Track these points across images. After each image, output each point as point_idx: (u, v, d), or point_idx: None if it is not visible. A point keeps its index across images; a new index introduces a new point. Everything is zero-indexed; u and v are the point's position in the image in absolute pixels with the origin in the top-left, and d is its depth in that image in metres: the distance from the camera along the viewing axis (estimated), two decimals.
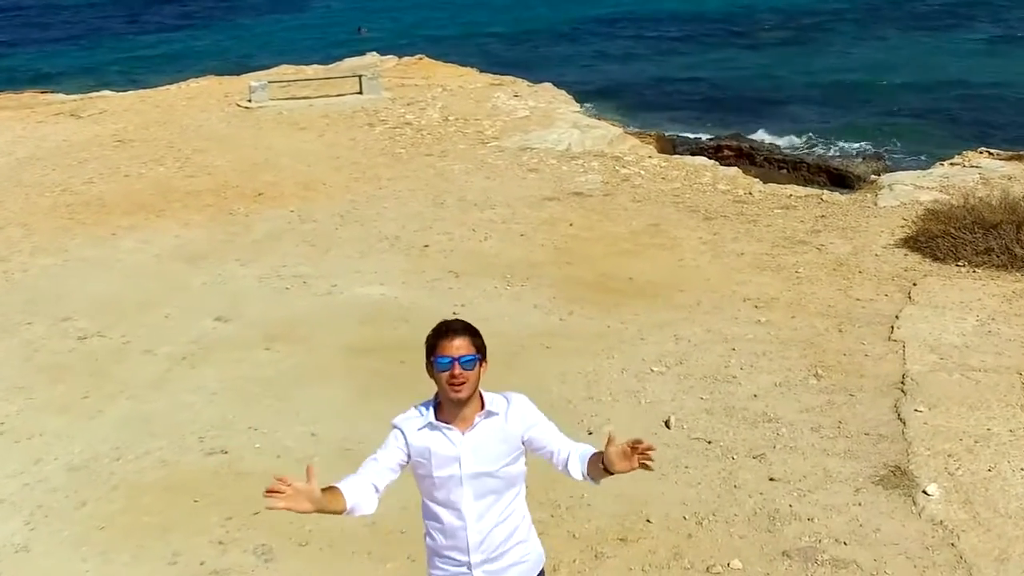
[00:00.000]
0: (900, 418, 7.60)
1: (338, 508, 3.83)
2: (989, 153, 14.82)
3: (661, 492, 6.81)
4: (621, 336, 9.27)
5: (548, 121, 17.23)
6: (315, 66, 22.78)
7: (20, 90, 23.02)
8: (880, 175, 15.54)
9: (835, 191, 14.81)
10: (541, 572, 4.18)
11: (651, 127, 21.84)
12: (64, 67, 33.48)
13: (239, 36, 40.13)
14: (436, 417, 3.94)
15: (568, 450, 3.95)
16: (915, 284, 10.19)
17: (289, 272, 10.97)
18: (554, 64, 30.60)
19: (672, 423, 7.67)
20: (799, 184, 15.94)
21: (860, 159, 20.67)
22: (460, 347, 3.86)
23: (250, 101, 18.81)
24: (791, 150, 21.92)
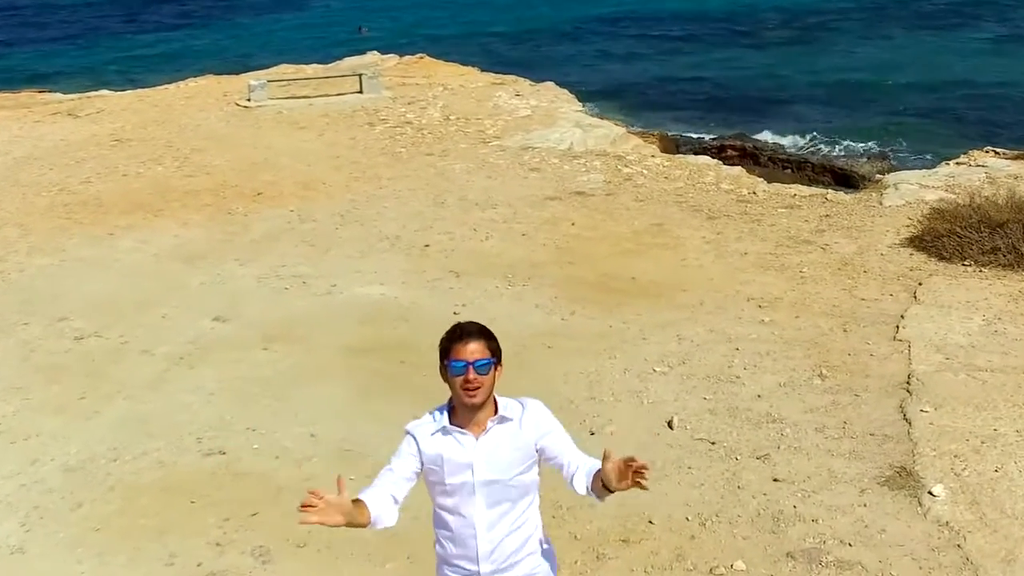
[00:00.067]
0: (906, 418, 7.56)
1: (364, 521, 3.76)
2: (995, 152, 14.76)
3: (664, 493, 6.77)
4: (623, 336, 9.22)
5: (550, 120, 17.18)
6: (315, 65, 22.72)
7: (17, 90, 22.94)
8: (885, 175, 15.45)
9: (840, 191, 14.74)
10: None
11: (654, 127, 21.78)
12: (61, 67, 33.45)
13: (238, 35, 40.12)
14: (450, 421, 3.87)
15: (577, 464, 3.87)
16: (921, 284, 10.16)
17: (288, 272, 10.92)
18: (556, 64, 30.56)
19: (675, 423, 7.64)
20: (803, 184, 15.84)
21: (865, 159, 20.58)
22: (475, 351, 3.79)
23: (249, 100, 18.75)
24: (795, 150, 21.83)
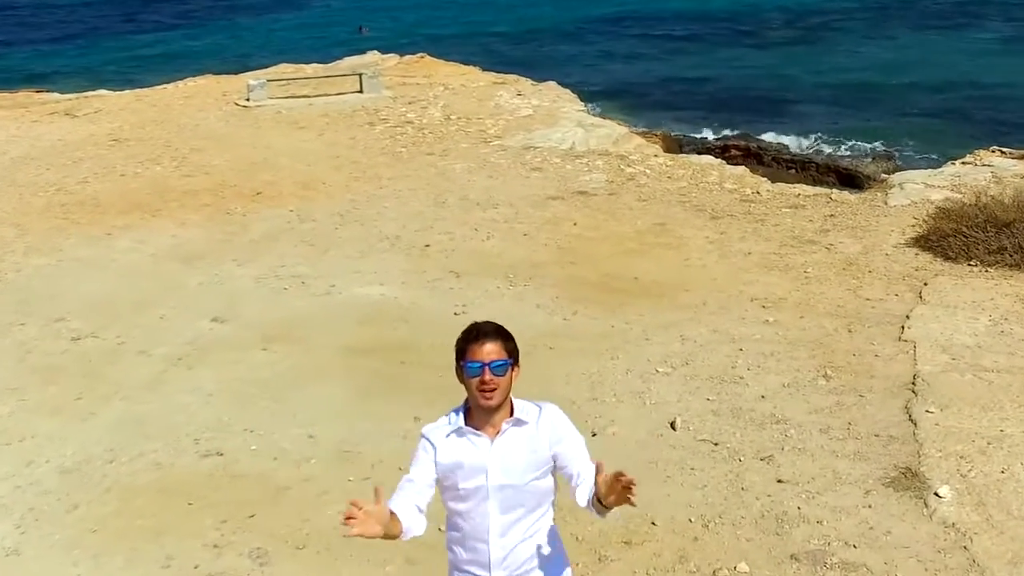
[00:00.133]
0: (911, 419, 7.52)
1: (397, 532, 3.68)
2: (1001, 152, 14.66)
3: (667, 494, 6.73)
4: (626, 336, 9.17)
5: (552, 120, 17.11)
6: (315, 65, 22.65)
7: (15, 89, 22.86)
8: (890, 175, 15.34)
9: (844, 191, 14.63)
10: None
11: (657, 127, 21.69)
12: (59, 67, 33.39)
13: (238, 36, 40.06)
14: (466, 423, 3.80)
15: (584, 476, 3.79)
16: (926, 284, 10.10)
17: (287, 272, 10.86)
18: (558, 64, 30.48)
19: (678, 424, 7.60)
20: (808, 184, 15.69)
21: (870, 159, 20.45)
22: (491, 352, 3.72)
23: (248, 100, 18.68)
24: (799, 150, 21.69)
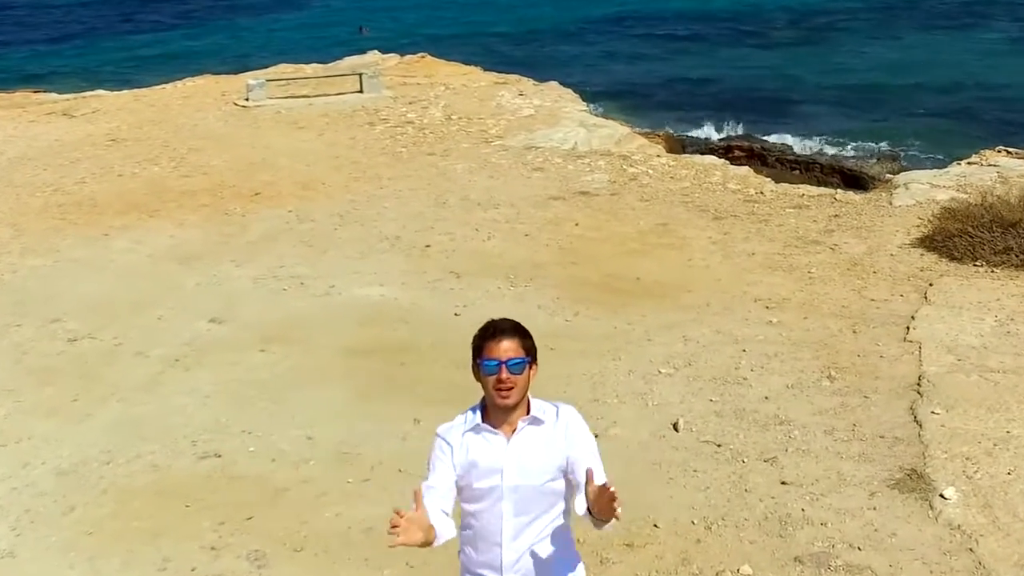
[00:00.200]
0: (916, 420, 7.47)
1: (432, 538, 3.60)
2: (1007, 152, 14.56)
3: (669, 496, 6.68)
4: (628, 337, 9.11)
5: (554, 120, 17.04)
6: (314, 65, 22.52)
7: (12, 90, 22.78)
8: (895, 175, 15.25)
9: (849, 191, 14.54)
10: None
11: (659, 127, 21.66)
12: (57, 67, 33.36)
13: (237, 36, 40.01)
14: (482, 421, 3.74)
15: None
16: (931, 284, 10.04)
17: (286, 273, 10.79)
18: (560, 64, 30.46)
19: (680, 426, 7.55)
20: (812, 185, 15.59)
21: (875, 160, 20.39)
22: (508, 349, 3.68)
23: (247, 100, 18.57)
24: (803, 151, 21.59)
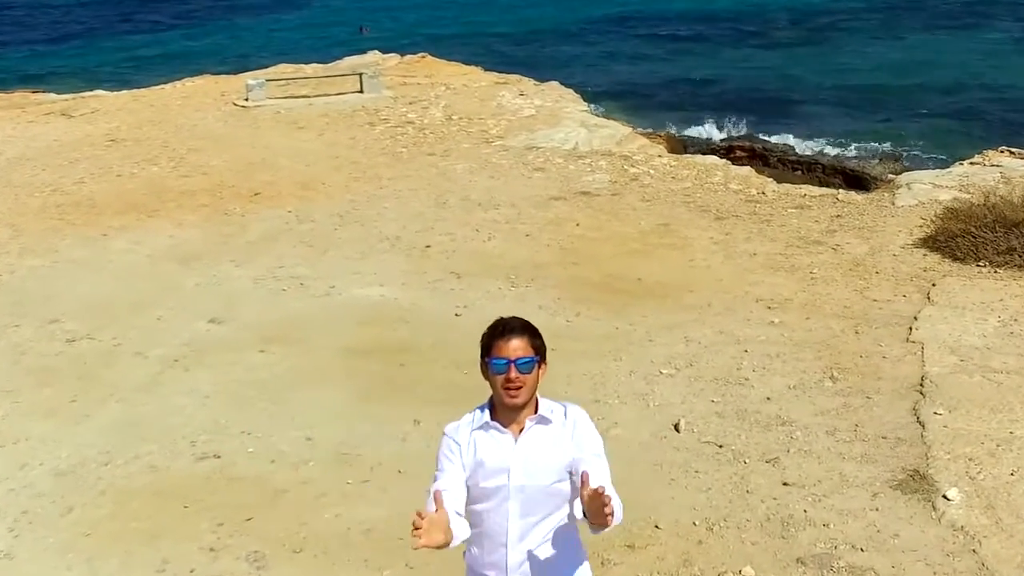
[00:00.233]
0: (919, 421, 7.44)
1: (450, 539, 3.55)
2: (1010, 152, 14.49)
3: (670, 497, 6.65)
4: (629, 338, 9.07)
5: (555, 120, 16.98)
6: (314, 65, 22.42)
7: (11, 90, 22.70)
8: (898, 175, 15.18)
9: (851, 192, 14.48)
10: None
11: (661, 128, 21.60)
12: (55, 67, 33.23)
13: (237, 36, 39.87)
14: (491, 418, 3.71)
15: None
16: (934, 284, 9.99)
17: (286, 273, 10.75)
18: (561, 64, 30.33)
19: (682, 426, 7.51)
20: (814, 185, 15.52)
21: (877, 160, 20.25)
22: (517, 348, 3.62)
23: (247, 100, 18.49)
24: (806, 151, 21.48)
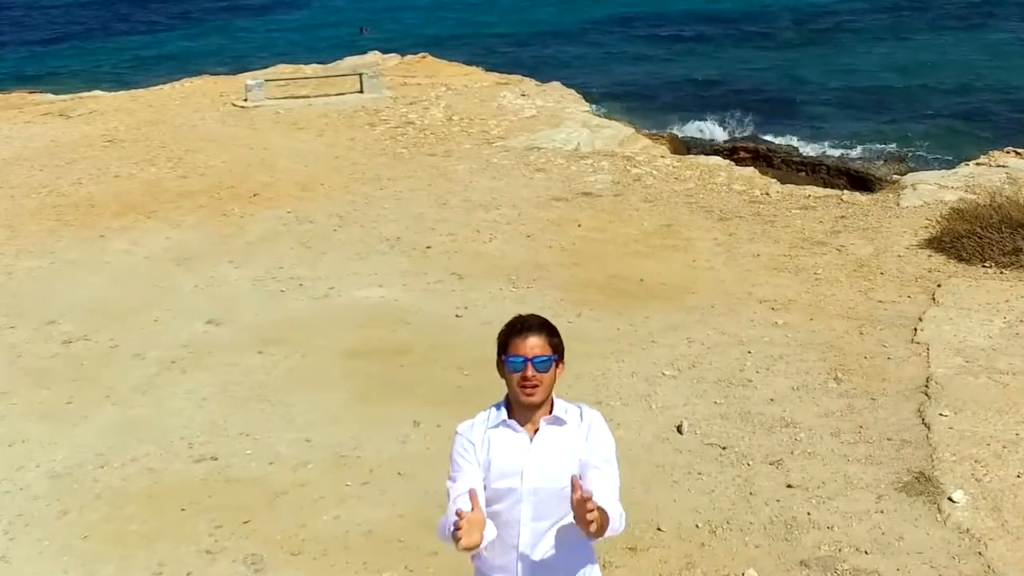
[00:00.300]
0: (924, 422, 7.38)
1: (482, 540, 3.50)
2: (1016, 152, 14.39)
3: (673, 499, 6.60)
4: (631, 339, 9.00)
5: (556, 120, 16.89)
6: (314, 65, 22.30)
7: (8, 90, 22.62)
8: (903, 176, 15.08)
9: (856, 193, 14.38)
10: None
11: (663, 129, 21.52)
12: (54, 68, 33.12)
13: (236, 37, 39.71)
14: (508, 416, 3.65)
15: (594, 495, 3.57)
16: (939, 285, 9.91)
17: (285, 274, 10.68)
18: (563, 65, 30.18)
19: (685, 428, 7.45)
20: (818, 187, 15.41)
21: (882, 162, 20.06)
22: (535, 346, 3.59)
23: (246, 100, 18.37)
24: (810, 152, 21.37)
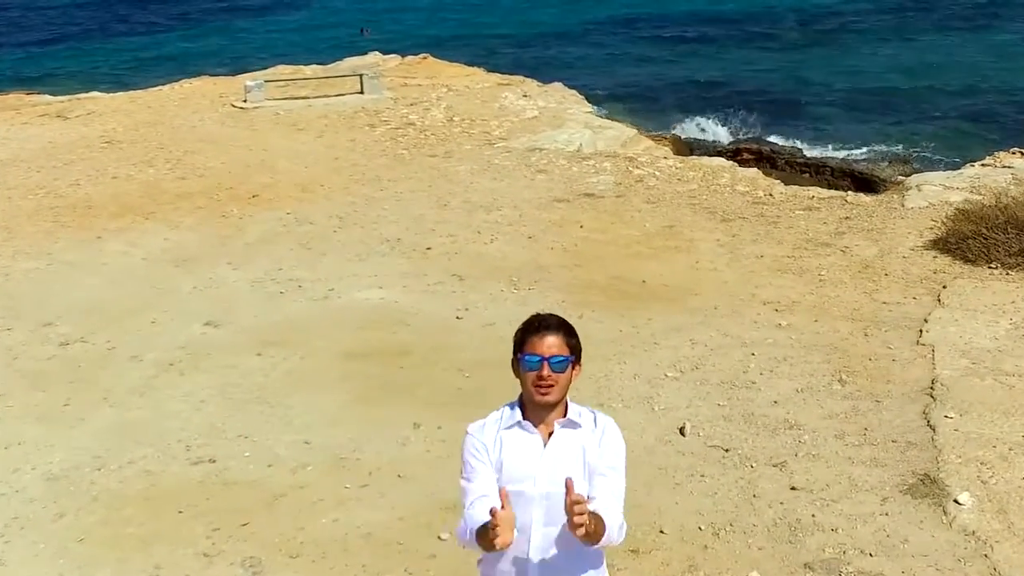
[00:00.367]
0: (929, 424, 7.32)
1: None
2: (1022, 153, 14.34)
3: (675, 502, 6.56)
4: (634, 340, 8.94)
5: (558, 121, 16.84)
6: (314, 66, 22.23)
7: (5, 92, 22.57)
8: (908, 177, 15.01)
9: (860, 194, 14.30)
10: None
11: (666, 130, 21.49)
12: (51, 69, 33.11)
13: (236, 38, 39.68)
14: (523, 416, 3.59)
15: (595, 505, 3.52)
16: (945, 287, 9.84)
17: (284, 276, 10.63)
18: (565, 66, 30.14)
19: (687, 430, 7.40)
20: (822, 188, 15.32)
21: (887, 163, 19.98)
22: (552, 345, 3.52)
23: (245, 101, 18.30)
24: (814, 154, 21.27)
